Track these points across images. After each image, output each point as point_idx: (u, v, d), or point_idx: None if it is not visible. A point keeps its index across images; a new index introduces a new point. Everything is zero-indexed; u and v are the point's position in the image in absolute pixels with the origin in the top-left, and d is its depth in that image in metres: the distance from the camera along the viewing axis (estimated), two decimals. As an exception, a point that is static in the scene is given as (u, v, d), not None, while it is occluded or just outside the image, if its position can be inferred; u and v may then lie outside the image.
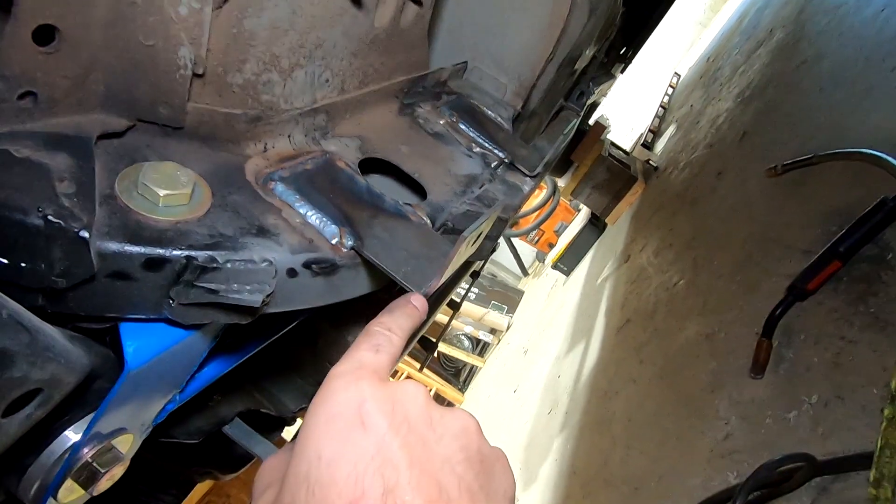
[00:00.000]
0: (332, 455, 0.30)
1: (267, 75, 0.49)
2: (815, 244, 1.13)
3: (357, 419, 0.32)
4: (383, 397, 0.33)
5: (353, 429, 0.31)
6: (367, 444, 0.30)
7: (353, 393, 0.33)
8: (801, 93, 1.80)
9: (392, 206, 0.54)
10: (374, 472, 0.29)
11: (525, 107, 1.03)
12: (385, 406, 0.33)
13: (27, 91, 0.36)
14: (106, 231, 0.35)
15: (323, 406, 0.33)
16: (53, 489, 0.39)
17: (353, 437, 0.31)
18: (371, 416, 0.32)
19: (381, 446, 0.31)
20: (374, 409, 0.32)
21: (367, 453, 0.30)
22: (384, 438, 0.31)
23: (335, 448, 0.30)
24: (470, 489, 0.32)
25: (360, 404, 0.32)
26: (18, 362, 0.29)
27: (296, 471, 0.31)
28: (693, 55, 5.08)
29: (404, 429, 0.32)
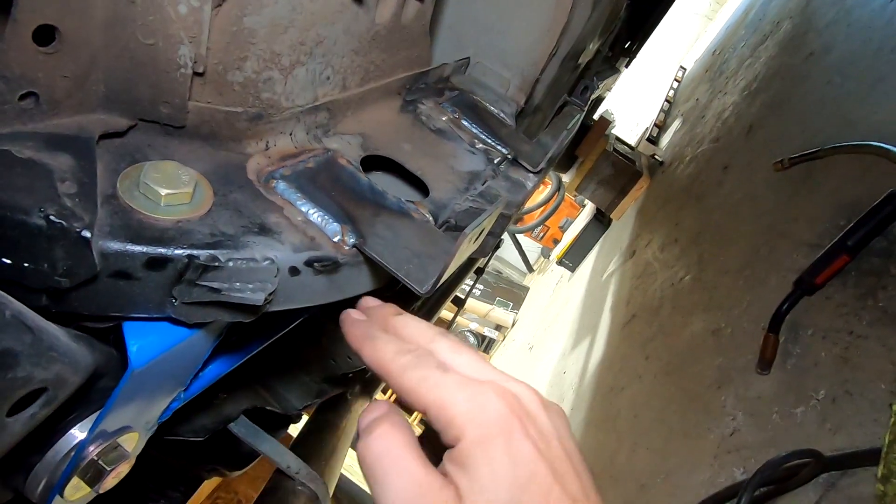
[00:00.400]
0: (525, 480, 0.32)
1: (268, 73, 0.49)
2: (823, 238, 1.12)
3: (526, 443, 0.33)
4: (517, 408, 0.34)
5: (528, 454, 0.33)
6: (542, 466, 0.32)
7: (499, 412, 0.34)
8: (809, 85, 1.78)
9: (394, 203, 0.54)
10: (558, 490, 0.32)
11: (528, 102, 1.02)
12: (532, 424, 0.35)
13: (28, 92, 0.36)
14: (108, 231, 0.35)
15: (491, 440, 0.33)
16: (60, 487, 0.40)
17: (531, 462, 0.32)
18: (527, 431, 0.34)
19: (550, 464, 0.33)
20: (526, 426, 0.34)
21: (547, 474, 0.32)
22: (547, 456, 0.33)
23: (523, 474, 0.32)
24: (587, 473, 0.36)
25: (515, 425, 0.34)
26: (22, 362, 0.29)
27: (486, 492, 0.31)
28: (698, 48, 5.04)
29: (549, 438, 0.35)
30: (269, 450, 0.70)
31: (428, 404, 0.34)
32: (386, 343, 0.38)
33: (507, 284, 5.40)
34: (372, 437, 0.34)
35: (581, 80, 1.40)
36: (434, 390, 0.34)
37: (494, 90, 0.97)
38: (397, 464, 0.32)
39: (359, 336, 0.40)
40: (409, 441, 0.34)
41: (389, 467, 0.32)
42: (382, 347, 0.38)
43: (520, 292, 5.29)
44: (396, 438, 0.34)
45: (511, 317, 4.99)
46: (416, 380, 0.35)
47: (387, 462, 0.32)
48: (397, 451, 0.33)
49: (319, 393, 0.83)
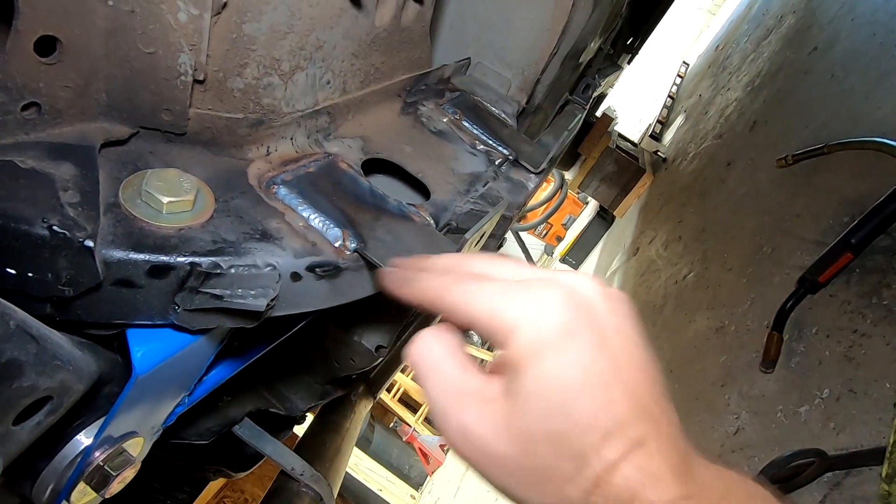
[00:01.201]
0: (578, 391, 0.30)
1: (268, 79, 0.49)
2: (827, 235, 1.11)
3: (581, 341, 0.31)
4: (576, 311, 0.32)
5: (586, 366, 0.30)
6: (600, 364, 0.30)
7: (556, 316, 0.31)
8: (813, 81, 1.77)
9: (395, 207, 0.54)
10: (618, 384, 0.30)
11: (529, 102, 1.02)
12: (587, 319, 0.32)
13: (31, 102, 0.36)
14: (111, 239, 0.35)
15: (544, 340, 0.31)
16: (66, 493, 0.40)
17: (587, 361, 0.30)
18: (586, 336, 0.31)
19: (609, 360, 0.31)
20: (585, 330, 0.31)
21: (605, 371, 0.30)
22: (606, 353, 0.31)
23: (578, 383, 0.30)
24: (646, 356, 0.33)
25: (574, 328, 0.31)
26: (27, 372, 0.30)
27: (536, 397, 0.30)
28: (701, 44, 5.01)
29: (611, 335, 0.32)
30: (272, 452, 0.70)
31: (475, 317, 0.33)
32: (421, 278, 0.37)
33: (510, 282, 5.39)
34: (414, 343, 0.35)
35: (583, 79, 1.39)
36: (478, 301, 0.33)
37: (495, 90, 0.96)
38: (436, 370, 0.33)
39: (396, 282, 0.39)
40: (448, 345, 0.34)
41: (429, 370, 0.33)
42: (419, 282, 0.37)
43: (523, 290, 5.28)
44: (435, 348, 0.34)
45: (515, 315, 4.99)
46: (458, 295, 0.34)
47: (426, 366, 0.33)
48: (435, 359, 0.33)
49: (323, 394, 0.84)
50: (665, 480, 0.29)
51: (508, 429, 0.30)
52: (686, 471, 0.30)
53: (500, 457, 0.31)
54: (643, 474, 0.29)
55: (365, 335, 0.68)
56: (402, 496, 3.74)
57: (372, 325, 0.68)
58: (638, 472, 0.29)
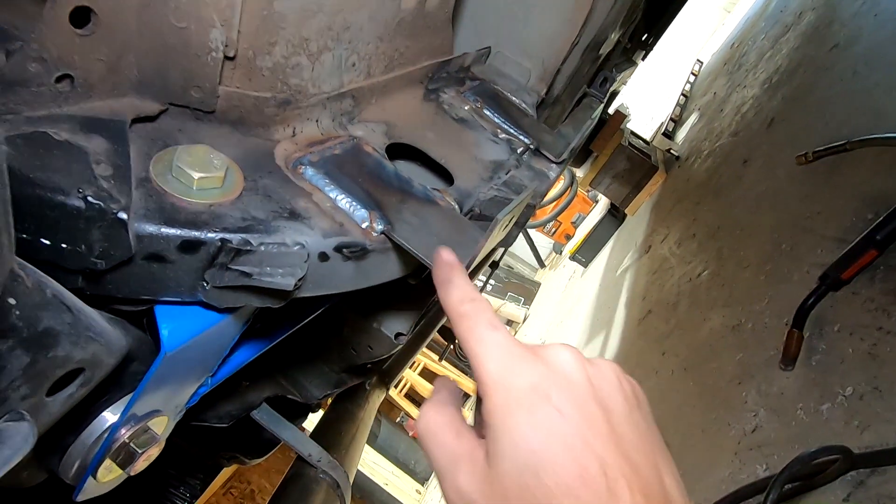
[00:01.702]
0: (545, 445, 0.31)
1: (296, 58, 0.48)
2: (850, 233, 1.09)
3: (551, 409, 0.32)
4: (554, 378, 0.34)
5: (552, 419, 0.32)
6: (567, 430, 0.32)
7: (530, 382, 0.33)
8: (834, 77, 1.74)
9: (420, 191, 0.54)
10: (585, 450, 0.31)
11: (549, 93, 1.01)
12: (562, 387, 0.33)
13: (64, 74, 0.36)
14: (143, 213, 0.35)
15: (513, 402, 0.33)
16: (93, 469, 0.40)
17: (554, 426, 0.32)
18: (559, 402, 0.33)
19: (579, 428, 0.32)
20: (558, 396, 0.33)
21: (573, 437, 0.31)
22: (577, 421, 0.32)
23: (544, 438, 0.31)
24: (644, 431, 0.35)
25: (545, 393, 0.33)
26: (62, 342, 0.30)
27: (507, 458, 0.31)
28: (716, 41, 4.95)
29: (586, 403, 0.33)
30: (290, 437, 0.70)
31: (469, 356, 0.36)
32: (456, 289, 0.39)
33: (518, 280, 5.38)
34: (419, 419, 0.38)
35: (600, 72, 1.38)
36: (476, 344, 0.35)
37: (515, 80, 0.96)
38: (435, 439, 0.36)
39: (441, 278, 0.41)
40: (446, 415, 0.37)
41: (431, 442, 0.36)
42: (452, 292, 0.39)
43: (531, 288, 5.27)
44: (435, 418, 0.37)
45: (522, 312, 4.98)
46: (466, 329, 0.37)
47: (428, 439, 0.37)
48: (435, 427, 0.37)
49: (338, 383, 0.83)
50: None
51: (490, 487, 0.32)
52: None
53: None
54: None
55: (384, 322, 0.68)
56: (407, 490, 3.75)
57: (391, 312, 0.68)
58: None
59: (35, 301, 0.27)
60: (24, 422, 0.29)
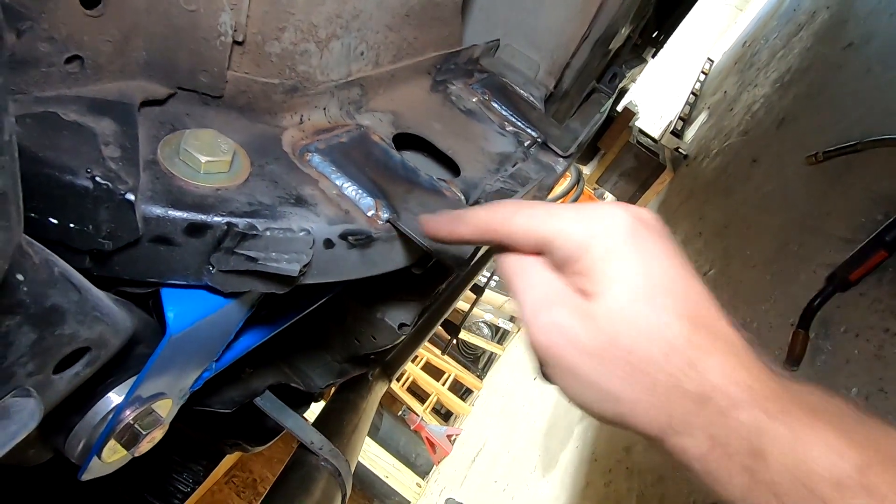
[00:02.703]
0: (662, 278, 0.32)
1: (304, 45, 0.48)
2: (859, 233, 1.08)
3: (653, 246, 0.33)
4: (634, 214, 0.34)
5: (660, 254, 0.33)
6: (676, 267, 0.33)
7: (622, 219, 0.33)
8: (847, 76, 1.72)
9: (427, 181, 0.54)
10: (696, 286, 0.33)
11: (557, 87, 1.00)
12: (654, 231, 0.34)
13: (74, 55, 0.36)
14: (150, 196, 0.35)
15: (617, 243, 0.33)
16: (98, 448, 0.40)
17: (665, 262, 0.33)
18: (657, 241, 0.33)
19: (681, 265, 0.33)
20: (654, 237, 0.34)
21: (682, 271, 0.33)
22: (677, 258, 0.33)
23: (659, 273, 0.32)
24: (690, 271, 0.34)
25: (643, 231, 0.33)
26: (69, 320, 0.30)
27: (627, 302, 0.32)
28: (727, 40, 4.90)
29: (671, 245, 0.34)
30: (293, 425, 0.71)
31: (547, 235, 0.34)
32: (476, 211, 0.38)
33: (522, 276, 5.37)
34: (504, 256, 0.37)
35: (610, 67, 1.37)
36: (549, 221, 0.34)
37: (523, 73, 0.95)
38: (526, 273, 0.35)
39: (443, 224, 0.39)
40: (533, 259, 0.36)
41: (520, 275, 0.35)
42: (475, 215, 0.38)
43: (535, 285, 5.25)
44: (523, 257, 0.36)
45: (526, 309, 4.97)
46: (526, 218, 0.35)
47: (518, 273, 0.35)
48: (526, 263, 0.35)
49: (341, 373, 0.84)
50: (756, 372, 0.30)
51: (599, 325, 0.32)
52: (774, 374, 0.31)
53: (590, 347, 0.32)
54: (736, 360, 0.30)
55: (388, 312, 0.68)
56: (407, 483, 3.76)
57: (395, 302, 0.68)
58: (731, 357, 0.30)
59: (42, 278, 0.28)
60: (30, 398, 0.29)
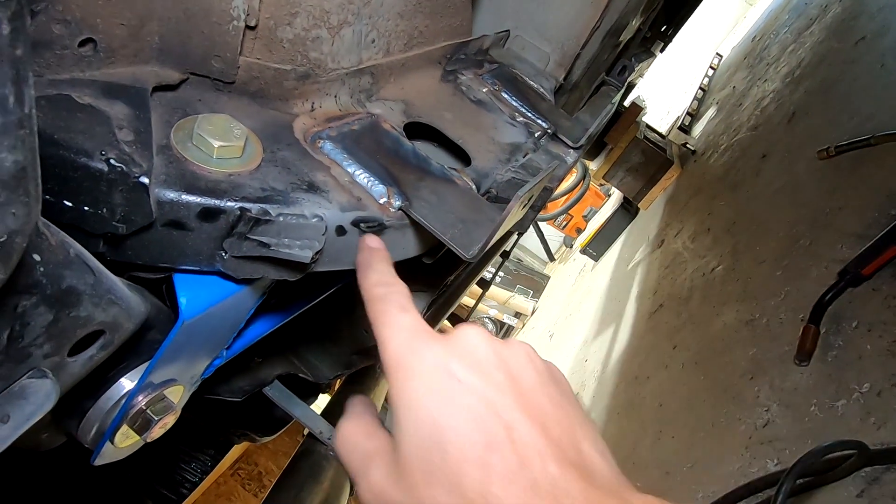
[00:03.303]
0: (447, 416, 0.30)
1: (316, 31, 0.48)
2: (872, 228, 1.07)
3: (452, 380, 0.32)
4: (456, 353, 0.33)
5: (453, 389, 0.31)
6: (470, 399, 0.31)
7: (431, 359, 0.33)
8: (859, 70, 1.70)
9: (438, 169, 0.53)
10: (491, 417, 0.30)
11: (567, 78, 0.99)
12: (465, 360, 0.33)
13: (87, 38, 0.36)
14: (163, 180, 0.35)
15: (413, 378, 0.32)
16: (110, 433, 0.41)
17: (456, 396, 0.31)
18: (460, 373, 0.32)
19: (483, 396, 0.31)
20: (459, 368, 0.32)
21: (476, 405, 0.31)
22: (481, 389, 0.31)
23: (445, 409, 0.31)
24: (559, 402, 0.33)
25: (446, 367, 0.32)
26: (84, 302, 0.30)
27: (410, 436, 0.31)
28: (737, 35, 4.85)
29: (490, 373, 0.33)
30: (301, 415, 0.71)
31: (377, 336, 0.35)
32: (374, 273, 0.40)
33: (527, 272, 5.36)
34: (336, 437, 0.38)
35: (620, 60, 1.35)
36: (383, 326, 0.35)
37: (533, 65, 0.94)
38: (347, 445, 0.36)
39: (361, 261, 0.41)
40: (358, 425, 0.37)
41: (344, 450, 0.36)
42: (369, 275, 0.39)
43: (540, 280, 5.25)
44: (349, 427, 0.37)
45: (531, 305, 4.96)
46: (376, 312, 0.37)
47: (345, 451, 0.36)
48: (347, 436, 0.36)
49: (349, 364, 0.84)
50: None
51: (397, 471, 0.31)
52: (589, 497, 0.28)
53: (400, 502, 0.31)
54: (530, 497, 0.27)
55: (398, 303, 0.67)
56: (412, 478, 3.77)
57: (405, 293, 0.68)
58: (524, 494, 0.28)
59: (58, 259, 0.28)
60: (46, 379, 0.29)
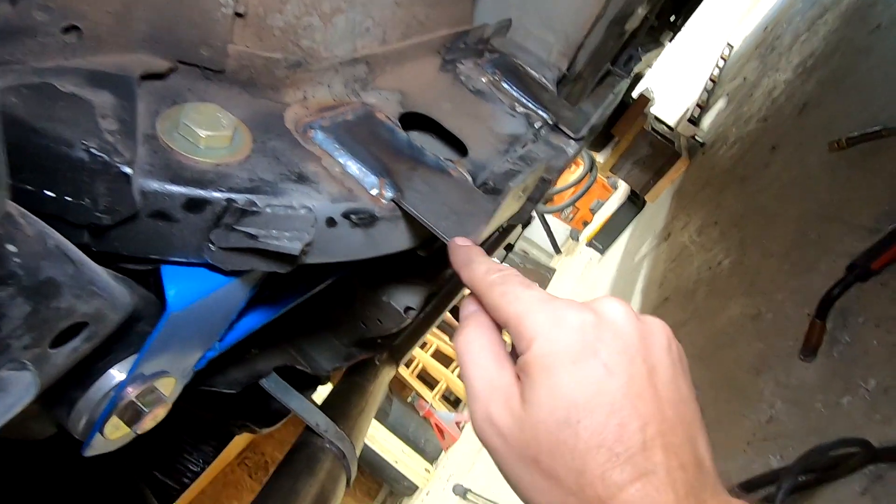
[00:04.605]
0: (587, 401, 0.31)
1: (307, 19, 0.47)
2: (881, 222, 1.05)
3: (598, 364, 0.32)
4: (602, 333, 0.33)
5: (598, 376, 0.31)
6: (612, 390, 0.31)
7: (579, 335, 0.32)
8: (874, 60, 1.66)
9: (433, 160, 0.52)
10: (627, 411, 0.30)
11: (570, 68, 0.98)
12: (612, 344, 0.32)
13: (71, 25, 0.35)
14: (148, 170, 0.35)
15: (558, 352, 0.32)
16: (100, 425, 0.40)
17: (599, 384, 0.31)
18: (605, 357, 0.32)
19: (623, 389, 0.31)
20: (605, 351, 0.32)
21: (616, 397, 0.31)
22: (624, 381, 0.31)
23: (586, 394, 0.31)
24: (686, 398, 0.33)
25: (593, 347, 0.32)
26: (64, 293, 0.29)
27: (545, 407, 0.31)
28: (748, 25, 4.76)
29: (634, 360, 0.32)
30: (298, 407, 0.71)
31: (508, 317, 0.35)
32: (479, 265, 0.40)
33: (533, 265, 5.34)
34: (460, 333, 0.38)
35: (625, 50, 1.33)
36: (514, 304, 0.35)
37: (536, 54, 0.93)
38: (475, 358, 0.36)
39: (461, 260, 0.41)
40: (488, 339, 0.37)
41: (469, 360, 0.36)
42: (476, 268, 0.39)
43: (546, 273, 5.23)
44: (478, 336, 0.37)
45: (537, 298, 4.94)
46: (499, 294, 0.36)
47: (468, 356, 0.36)
48: (478, 347, 0.36)
49: (348, 356, 0.83)
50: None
51: (523, 430, 0.32)
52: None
53: (515, 453, 0.32)
54: (646, 501, 0.28)
55: (394, 295, 0.67)
56: (416, 469, 3.80)
57: (402, 285, 0.67)
58: (643, 499, 0.28)
59: (36, 250, 0.27)
60: (26, 371, 0.29)
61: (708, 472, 0.32)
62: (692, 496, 0.29)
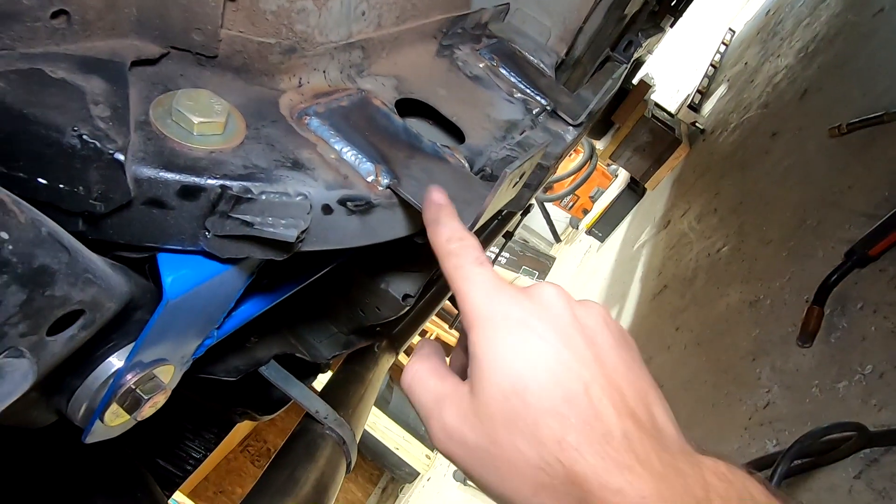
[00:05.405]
0: (529, 368, 0.31)
1: (301, 3, 0.46)
2: (881, 208, 1.04)
3: (533, 335, 0.33)
4: (536, 310, 0.34)
5: (535, 345, 0.32)
6: (550, 355, 0.32)
7: (514, 313, 0.33)
8: (876, 44, 1.64)
9: (429, 147, 0.52)
10: (568, 374, 0.31)
11: (569, 54, 0.97)
12: (545, 317, 0.34)
13: (60, 10, 0.35)
14: (141, 157, 0.34)
15: (496, 330, 0.33)
16: (100, 412, 0.41)
17: (537, 351, 0.32)
18: (540, 329, 0.33)
19: (561, 353, 0.32)
20: (539, 325, 0.33)
21: (556, 362, 0.32)
22: (560, 347, 0.32)
23: (527, 362, 0.32)
24: (631, 366, 0.34)
25: (527, 322, 0.33)
26: (59, 281, 0.29)
27: (491, 384, 0.32)
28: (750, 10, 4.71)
29: (568, 332, 0.33)
30: (298, 394, 0.71)
31: (456, 291, 0.36)
32: (444, 227, 0.40)
33: (533, 254, 5.34)
34: (404, 373, 0.39)
35: (625, 35, 1.32)
36: (463, 281, 0.36)
37: (534, 39, 0.92)
38: (418, 384, 0.37)
39: (429, 217, 0.41)
40: (430, 365, 0.38)
41: (415, 388, 0.37)
42: (440, 231, 0.39)
43: (546, 262, 5.23)
44: (418, 367, 0.38)
45: (536, 286, 4.95)
46: (453, 267, 0.37)
47: (413, 385, 0.38)
48: (419, 375, 0.37)
49: (347, 344, 0.84)
50: (634, 472, 0.28)
51: (476, 416, 0.32)
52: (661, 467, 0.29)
53: (473, 447, 0.32)
54: (608, 462, 0.28)
55: (392, 283, 0.67)
56: (417, 455, 3.85)
57: (399, 273, 0.67)
58: (602, 459, 0.28)
59: (29, 237, 0.27)
60: (23, 359, 0.29)
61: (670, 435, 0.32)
62: (654, 456, 0.29)
